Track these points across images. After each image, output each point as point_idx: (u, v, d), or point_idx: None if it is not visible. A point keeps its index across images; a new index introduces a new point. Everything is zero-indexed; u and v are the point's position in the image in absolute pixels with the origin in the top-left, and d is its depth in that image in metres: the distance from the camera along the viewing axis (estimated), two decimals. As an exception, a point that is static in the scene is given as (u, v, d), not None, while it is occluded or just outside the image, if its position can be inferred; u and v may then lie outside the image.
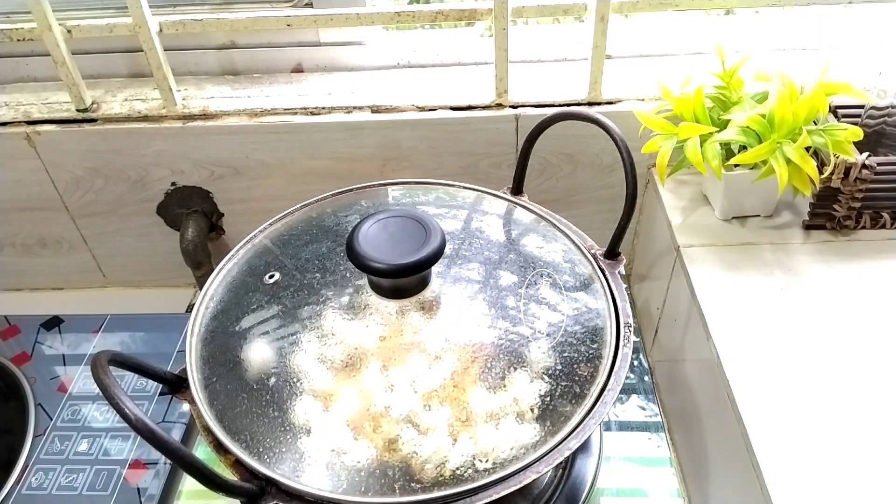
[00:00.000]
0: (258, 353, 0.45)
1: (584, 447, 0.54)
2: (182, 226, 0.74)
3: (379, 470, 0.40)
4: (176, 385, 0.45)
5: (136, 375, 0.64)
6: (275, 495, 0.39)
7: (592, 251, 0.52)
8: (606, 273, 0.50)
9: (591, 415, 0.42)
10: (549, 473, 0.52)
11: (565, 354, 0.45)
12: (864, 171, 0.55)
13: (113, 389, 0.35)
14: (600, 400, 0.42)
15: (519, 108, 0.67)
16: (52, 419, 0.65)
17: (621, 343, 0.45)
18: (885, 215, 0.58)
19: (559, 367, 0.44)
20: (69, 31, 0.66)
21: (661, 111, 0.61)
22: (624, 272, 0.51)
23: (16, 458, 0.62)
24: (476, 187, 0.58)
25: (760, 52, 0.64)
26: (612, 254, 0.52)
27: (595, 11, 0.62)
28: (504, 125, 0.68)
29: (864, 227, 0.59)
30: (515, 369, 0.44)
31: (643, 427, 0.63)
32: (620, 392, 0.43)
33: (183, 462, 0.35)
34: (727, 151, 0.58)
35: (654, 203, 0.67)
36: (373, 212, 0.47)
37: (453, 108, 0.68)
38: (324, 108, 0.69)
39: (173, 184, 0.73)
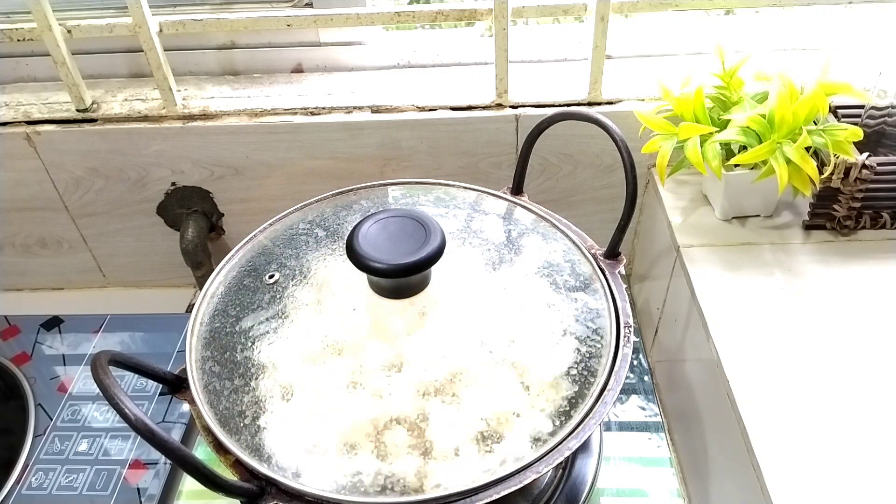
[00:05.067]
0: (258, 354, 0.45)
1: (584, 447, 0.54)
2: (182, 226, 0.74)
3: (379, 470, 0.40)
4: (176, 385, 0.45)
5: (136, 375, 0.64)
6: (275, 495, 0.39)
7: (592, 251, 0.52)
8: (606, 273, 0.50)
9: (591, 415, 0.42)
10: (549, 473, 0.52)
11: (565, 354, 0.45)
12: (864, 172, 0.55)
13: (113, 389, 0.35)
14: (600, 400, 0.42)
15: (519, 108, 0.67)
16: (52, 419, 0.65)
17: (621, 343, 0.45)
18: (885, 215, 0.58)
19: (559, 367, 0.44)
20: (69, 31, 0.66)
21: (661, 111, 0.61)
22: (624, 272, 0.51)
23: (16, 458, 0.62)
24: (476, 187, 0.58)
25: (760, 52, 0.64)
26: (612, 254, 0.52)
27: (595, 11, 0.62)
28: (504, 125, 0.68)
29: (864, 227, 0.59)
30: (515, 369, 0.44)
31: (643, 427, 0.63)
32: (620, 392, 0.43)
33: (183, 462, 0.35)
34: (727, 151, 0.58)
35: (654, 203, 0.67)
36: (373, 212, 0.47)
37: (453, 108, 0.68)
38: (324, 108, 0.69)
39: (173, 184, 0.73)
